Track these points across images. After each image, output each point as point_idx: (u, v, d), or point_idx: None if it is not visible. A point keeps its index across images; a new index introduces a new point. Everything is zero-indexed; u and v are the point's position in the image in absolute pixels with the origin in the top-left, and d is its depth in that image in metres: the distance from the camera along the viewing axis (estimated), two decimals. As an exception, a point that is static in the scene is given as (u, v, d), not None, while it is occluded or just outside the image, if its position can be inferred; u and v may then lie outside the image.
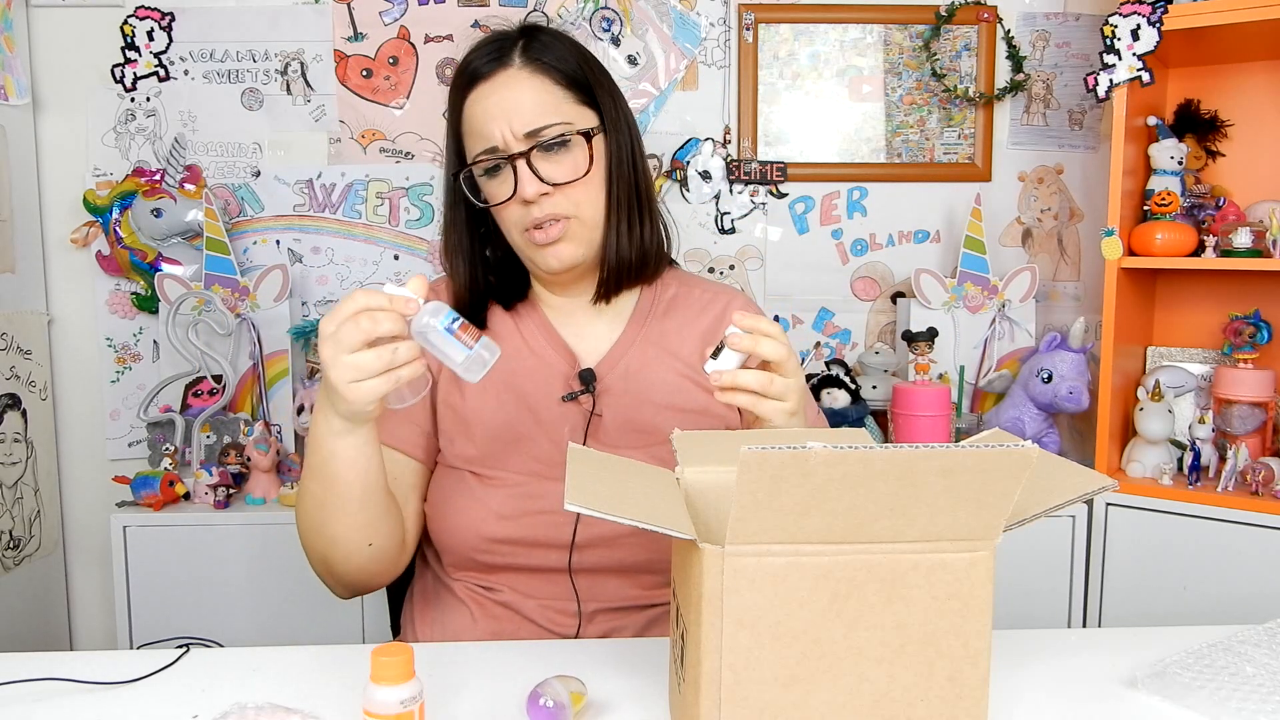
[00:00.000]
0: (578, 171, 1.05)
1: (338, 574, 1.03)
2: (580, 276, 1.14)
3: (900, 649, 0.66)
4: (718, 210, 2.28)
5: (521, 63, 1.05)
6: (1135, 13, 1.87)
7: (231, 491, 2.03)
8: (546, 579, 1.07)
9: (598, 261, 1.12)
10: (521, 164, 1.03)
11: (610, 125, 1.09)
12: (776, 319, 1.40)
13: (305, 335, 2.19)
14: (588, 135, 1.06)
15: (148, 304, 2.18)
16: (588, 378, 1.10)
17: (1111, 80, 1.91)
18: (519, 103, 1.03)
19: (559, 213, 1.05)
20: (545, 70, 1.05)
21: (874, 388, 2.19)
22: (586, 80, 1.08)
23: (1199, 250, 1.94)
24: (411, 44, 2.23)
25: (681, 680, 0.71)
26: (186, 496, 2.03)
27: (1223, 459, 1.93)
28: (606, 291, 1.13)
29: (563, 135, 1.04)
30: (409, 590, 1.22)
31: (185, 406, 2.12)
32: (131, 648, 1.95)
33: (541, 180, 1.03)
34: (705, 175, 2.26)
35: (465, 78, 1.07)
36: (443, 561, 1.14)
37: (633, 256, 1.11)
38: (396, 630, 1.32)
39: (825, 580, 0.64)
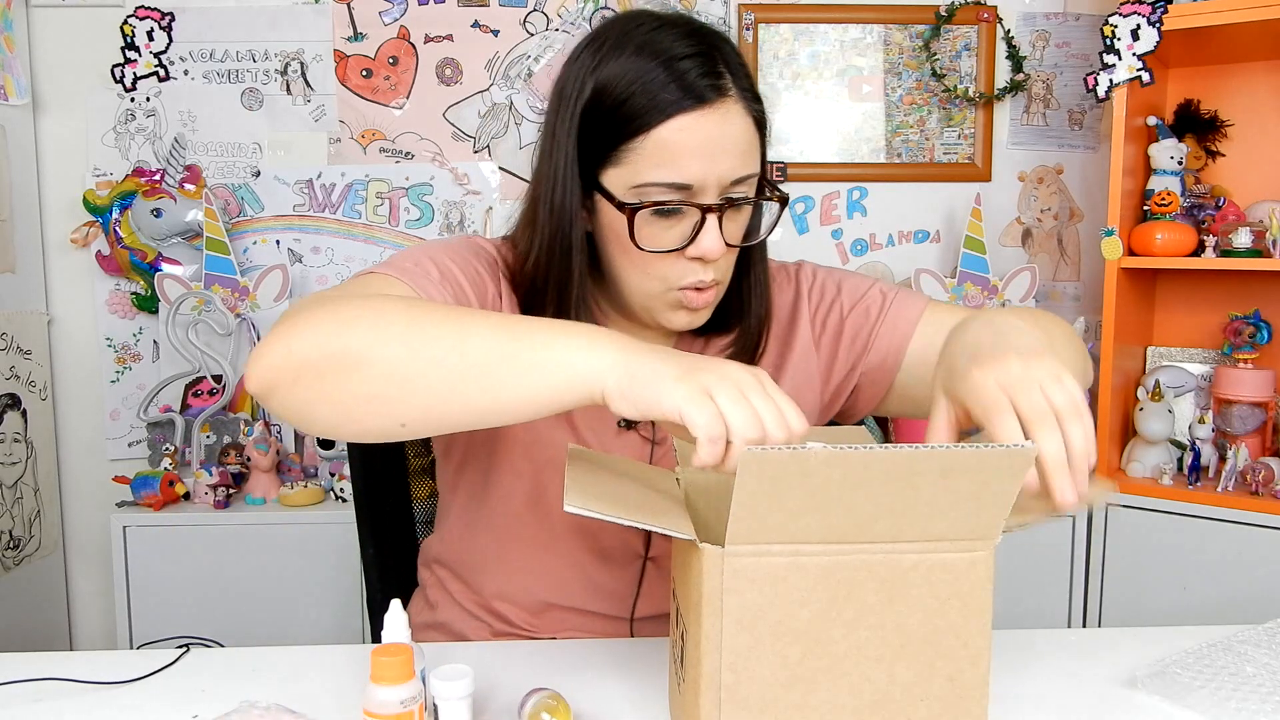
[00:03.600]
0: (752, 234, 0.92)
1: (313, 407, 0.73)
2: None
3: (900, 649, 0.66)
4: (718, 210, 2.28)
5: (737, 94, 0.86)
6: (1135, 13, 1.87)
7: (231, 491, 2.03)
8: (605, 626, 1.01)
9: None
10: (713, 218, 0.86)
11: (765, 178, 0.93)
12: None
13: (305, 335, 2.18)
14: (771, 194, 0.90)
15: (148, 304, 2.18)
16: None
17: (1111, 80, 1.91)
18: (735, 145, 0.85)
19: (718, 277, 0.90)
20: (750, 109, 0.87)
21: (874, 388, 2.19)
22: (765, 125, 0.91)
23: (1199, 250, 1.94)
24: (411, 44, 2.23)
25: (681, 680, 0.71)
26: (186, 496, 2.03)
27: (1223, 459, 1.93)
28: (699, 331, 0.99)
29: (752, 193, 0.89)
30: (411, 612, 1.12)
31: (185, 406, 2.12)
32: (131, 648, 1.95)
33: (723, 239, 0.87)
34: (705, 175, 2.26)
35: (677, 93, 0.84)
36: (471, 600, 1.04)
37: (759, 332, 0.99)
38: (376, 637, 1.27)
39: (825, 580, 0.64)
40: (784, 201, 0.91)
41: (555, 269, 0.91)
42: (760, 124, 0.89)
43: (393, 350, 0.69)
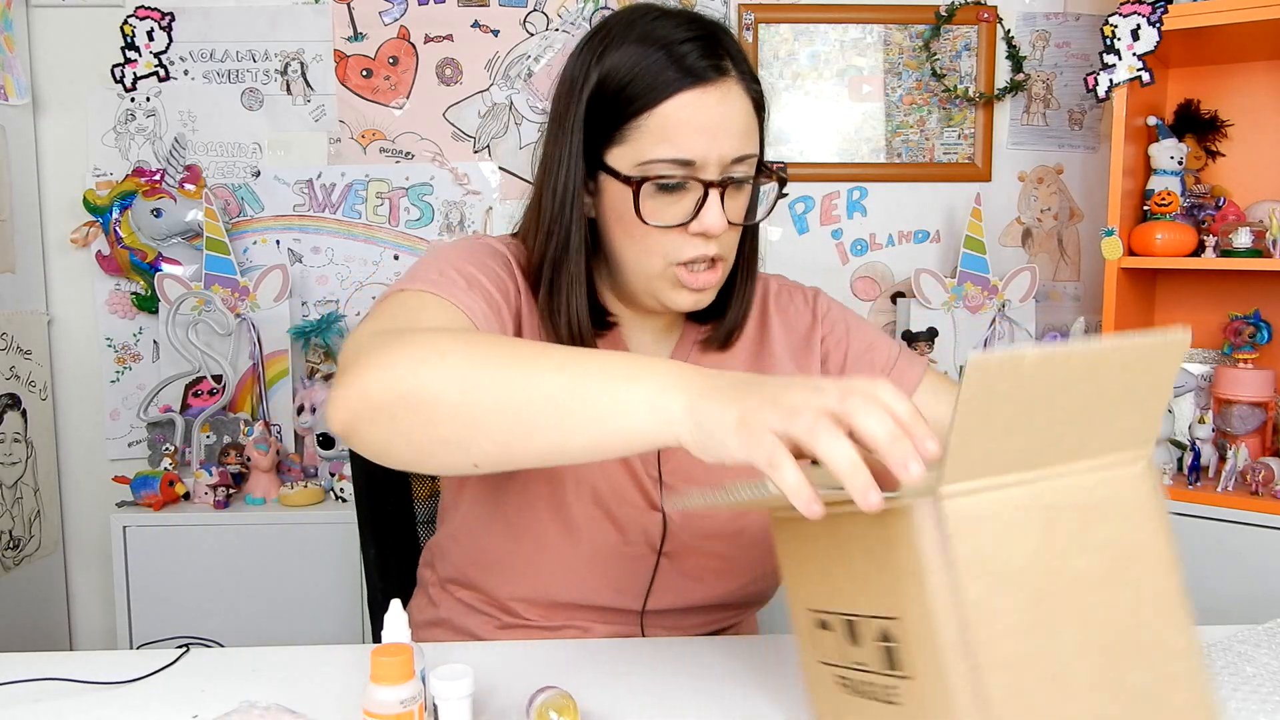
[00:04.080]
0: (752, 213, 0.95)
1: (393, 443, 0.74)
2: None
3: (1111, 571, 0.62)
4: (718, 210, 2.28)
5: (737, 75, 0.89)
6: (1135, 13, 1.87)
7: (231, 491, 2.03)
8: (616, 619, 1.01)
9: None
10: (715, 193, 0.88)
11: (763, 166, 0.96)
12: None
13: (305, 335, 2.19)
14: (769, 176, 0.93)
15: (148, 304, 2.18)
16: None
17: (1111, 80, 1.91)
18: (735, 123, 0.88)
19: (720, 254, 0.92)
20: (750, 90, 0.90)
21: (874, 388, 2.19)
22: (764, 109, 0.94)
23: (1199, 250, 1.94)
24: (411, 44, 2.23)
25: (903, 680, 0.63)
26: (186, 496, 2.03)
27: (1223, 459, 1.93)
28: (694, 318, 1.01)
29: (752, 174, 0.91)
30: (412, 610, 1.12)
31: (185, 406, 2.12)
32: (131, 648, 1.95)
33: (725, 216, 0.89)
34: (705, 175, 2.26)
35: (678, 72, 0.87)
36: (477, 598, 1.03)
37: (740, 318, 1.02)
38: (376, 637, 1.27)
39: (1032, 511, 0.59)
40: (782, 182, 0.94)
41: (552, 247, 0.93)
42: (759, 106, 0.92)
43: (462, 394, 0.69)
